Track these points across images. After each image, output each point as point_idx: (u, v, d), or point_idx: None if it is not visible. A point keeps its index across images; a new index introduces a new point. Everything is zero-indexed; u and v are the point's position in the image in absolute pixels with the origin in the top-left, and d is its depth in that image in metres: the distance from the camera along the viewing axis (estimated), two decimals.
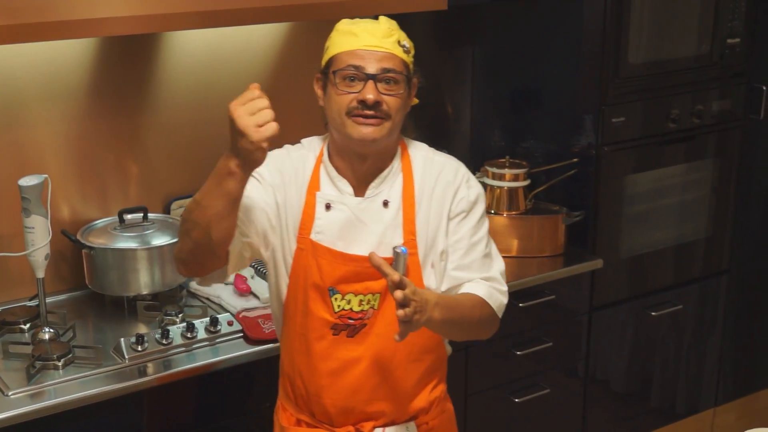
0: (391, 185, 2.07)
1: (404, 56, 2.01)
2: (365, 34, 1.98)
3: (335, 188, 2.07)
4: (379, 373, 2.07)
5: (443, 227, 2.07)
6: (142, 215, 2.77)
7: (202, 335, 2.50)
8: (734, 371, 3.74)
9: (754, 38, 3.37)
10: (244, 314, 2.59)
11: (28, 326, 2.57)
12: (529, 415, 3.10)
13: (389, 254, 1.89)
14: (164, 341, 2.45)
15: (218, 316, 2.56)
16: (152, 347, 2.43)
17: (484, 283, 2.08)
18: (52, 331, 2.49)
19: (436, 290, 2.06)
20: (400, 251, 1.83)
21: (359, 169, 2.06)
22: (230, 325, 2.55)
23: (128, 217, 2.76)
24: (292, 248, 2.06)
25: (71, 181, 2.77)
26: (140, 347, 2.41)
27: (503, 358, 2.99)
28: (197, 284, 2.66)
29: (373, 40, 1.98)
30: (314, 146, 2.13)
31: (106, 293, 2.70)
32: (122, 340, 2.42)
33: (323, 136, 2.13)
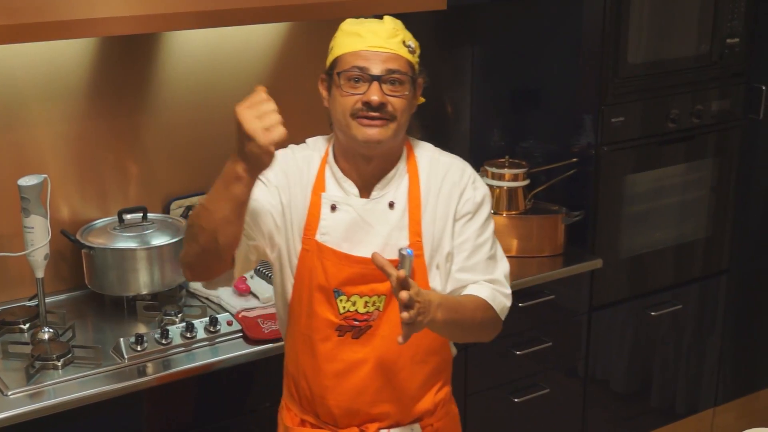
0: (396, 186, 2.05)
1: (409, 56, 1.99)
2: (370, 34, 1.96)
3: (341, 189, 2.05)
4: (383, 374, 2.05)
5: (449, 228, 2.05)
6: (141, 215, 2.77)
7: (201, 335, 2.50)
8: (734, 371, 3.74)
9: (753, 38, 3.37)
10: (243, 314, 2.59)
11: (27, 326, 2.57)
12: (528, 415, 3.10)
13: (395, 256, 1.86)
14: (164, 341, 2.45)
15: (218, 316, 2.55)
16: (152, 347, 2.43)
17: (487, 285, 2.06)
18: (51, 331, 2.49)
19: (441, 292, 2.04)
20: (405, 253, 1.80)
21: (365, 170, 2.04)
22: (230, 324, 2.55)
23: (128, 217, 2.76)
24: (297, 249, 2.04)
25: (71, 181, 2.77)
26: (140, 347, 2.41)
27: (503, 358, 2.99)
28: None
29: (377, 40, 1.96)
30: (319, 146, 2.11)
31: (105, 293, 2.70)
32: (122, 340, 2.42)
33: (328, 136, 2.12)
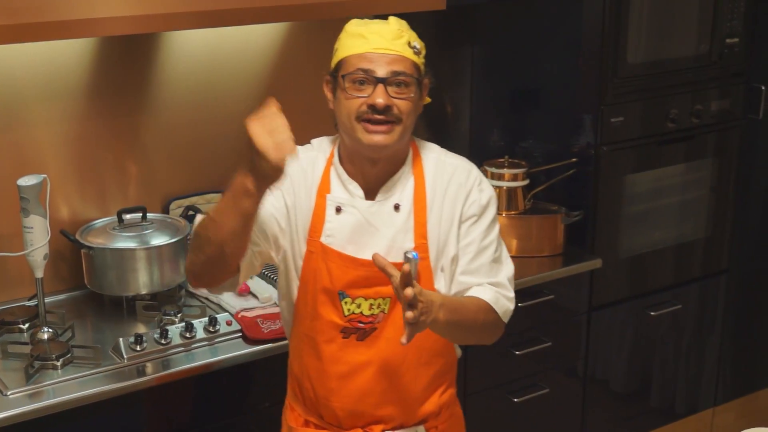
0: (402, 188, 2.04)
1: (414, 58, 1.97)
2: (374, 36, 1.94)
3: (346, 191, 2.03)
4: (388, 377, 2.04)
5: (454, 231, 2.03)
6: (141, 215, 2.77)
7: (200, 335, 2.50)
8: (733, 371, 3.74)
9: (753, 38, 3.36)
10: (242, 314, 2.59)
11: (26, 326, 2.57)
12: (528, 414, 3.10)
13: (400, 258, 1.84)
14: (163, 341, 2.44)
15: (217, 315, 2.55)
16: (151, 347, 2.43)
17: (490, 288, 2.04)
18: (50, 330, 2.49)
19: (445, 294, 2.03)
20: (411, 256, 1.78)
21: (370, 172, 2.02)
22: (229, 324, 2.55)
23: (127, 217, 2.76)
24: (302, 251, 2.03)
25: (70, 180, 2.77)
26: (139, 347, 2.41)
27: (502, 357, 2.98)
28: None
29: (382, 42, 1.94)
30: (324, 148, 2.09)
31: (105, 293, 2.70)
32: (121, 339, 2.42)
33: (333, 137, 2.10)
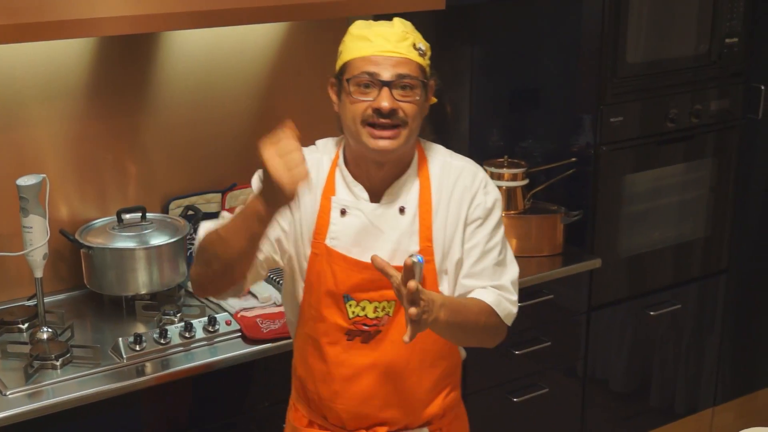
0: (407, 191, 2.02)
1: (420, 60, 1.96)
2: (379, 38, 1.93)
3: (351, 193, 2.02)
4: (392, 379, 2.03)
5: (459, 234, 2.02)
6: (140, 215, 2.77)
7: (200, 335, 2.50)
8: (733, 371, 3.74)
9: (752, 38, 3.37)
10: (242, 314, 2.59)
11: (26, 326, 2.57)
12: (527, 414, 3.10)
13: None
14: (162, 341, 2.44)
15: (216, 315, 2.55)
16: (150, 347, 2.43)
17: (493, 291, 2.02)
18: (50, 330, 2.49)
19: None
20: (416, 260, 1.76)
21: (375, 175, 2.01)
22: (228, 324, 2.55)
23: (127, 216, 2.76)
24: (306, 253, 2.02)
25: (70, 180, 2.77)
26: (138, 347, 2.41)
27: (502, 357, 2.98)
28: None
29: (387, 45, 1.92)
30: (329, 149, 2.08)
31: (104, 293, 2.70)
32: (120, 339, 2.42)
33: (338, 138, 2.09)
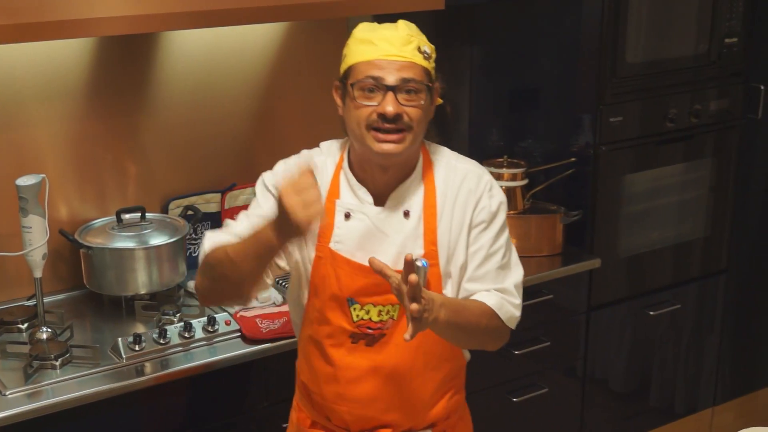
0: (412, 195, 2.01)
1: (425, 63, 1.94)
2: (383, 42, 1.91)
3: (355, 197, 2.01)
4: (396, 382, 2.03)
5: (464, 237, 2.01)
6: (140, 215, 2.77)
7: (199, 335, 2.50)
8: (733, 370, 3.74)
9: (751, 38, 3.37)
10: (241, 314, 2.59)
11: (25, 326, 2.57)
12: (527, 414, 3.10)
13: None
14: (162, 341, 2.45)
15: (216, 315, 2.55)
16: (150, 347, 2.43)
17: (496, 293, 2.01)
18: (49, 330, 2.49)
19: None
20: (420, 264, 1.75)
21: (380, 179, 2.00)
22: (228, 324, 2.55)
23: (126, 216, 2.76)
24: (310, 256, 2.02)
25: (69, 180, 2.77)
26: (138, 347, 2.41)
27: (501, 357, 2.97)
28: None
29: (391, 48, 1.91)
30: (333, 152, 2.07)
31: (103, 293, 2.70)
32: (120, 339, 2.42)
33: (343, 140, 2.08)
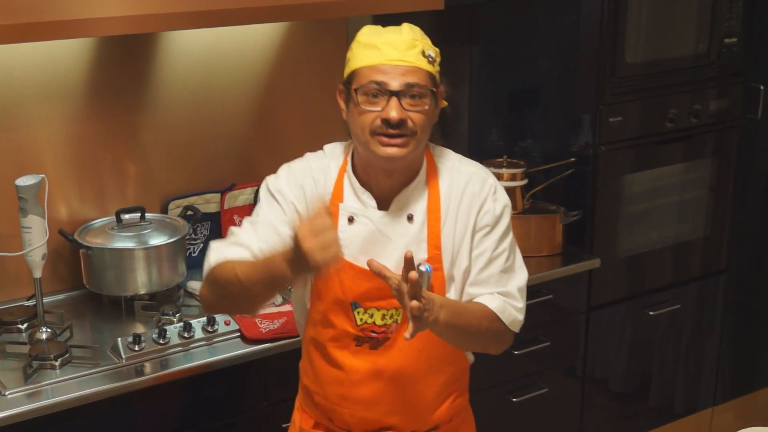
0: (416, 199, 2.00)
1: (429, 67, 1.92)
2: (387, 46, 1.89)
3: (358, 201, 2.00)
4: (400, 386, 2.03)
5: (468, 241, 2.00)
6: (139, 215, 2.77)
7: (199, 335, 2.50)
8: (733, 370, 3.74)
9: (751, 38, 3.36)
10: None
11: (25, 326, 2.57)
12: (526, 414, 3.10)
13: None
14: (161, 341, 2.45)
15: (215, 315, 2.54)
16: (149, 347, 2.43)
17: (498, 297, 2.00)
18: (49, 330, 2.49)
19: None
20: (423, 269, 1.75)
21: (384, 183, 1.99)
22: (227, 324, 2.55)
23: (126, 216, 2.76)
24: None
25: (69, 180, 2.77)
26: (137, 347, 2.41)
27: (501, 357, 2.93)
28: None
29: (395, 53, 1.89)
30: (337, 155, 2.06)
31: (103, 293, 2.70)
32: (119, 339, 2.42)
33: (346, 143, 2.07)
